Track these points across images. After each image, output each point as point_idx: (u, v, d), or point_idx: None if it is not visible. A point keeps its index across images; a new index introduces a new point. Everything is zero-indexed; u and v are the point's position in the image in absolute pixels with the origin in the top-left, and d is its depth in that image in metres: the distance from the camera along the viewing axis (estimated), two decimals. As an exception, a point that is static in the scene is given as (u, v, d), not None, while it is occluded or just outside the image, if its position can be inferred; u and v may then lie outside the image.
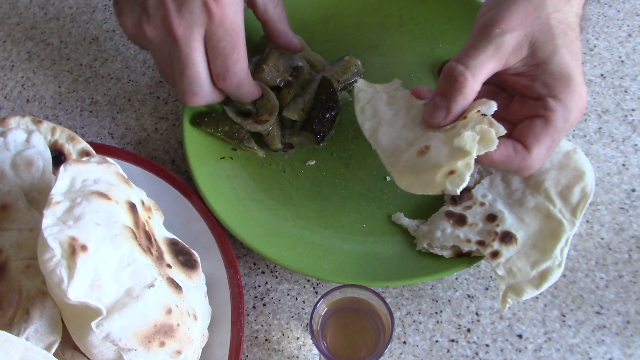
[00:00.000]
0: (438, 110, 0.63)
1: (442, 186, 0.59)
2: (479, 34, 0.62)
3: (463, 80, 0.61)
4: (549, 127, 0.61)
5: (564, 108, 0.61)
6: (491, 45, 0.61)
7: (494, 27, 0.61)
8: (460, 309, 0.69)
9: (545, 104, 0.61)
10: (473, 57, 0.61)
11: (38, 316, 0.54)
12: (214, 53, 0.67)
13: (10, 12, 0.96)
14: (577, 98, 0.61)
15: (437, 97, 0.63)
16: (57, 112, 0.86)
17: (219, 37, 0.66)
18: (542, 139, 0.61)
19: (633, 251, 0.71)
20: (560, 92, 0.61)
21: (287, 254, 0.70)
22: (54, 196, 0.55)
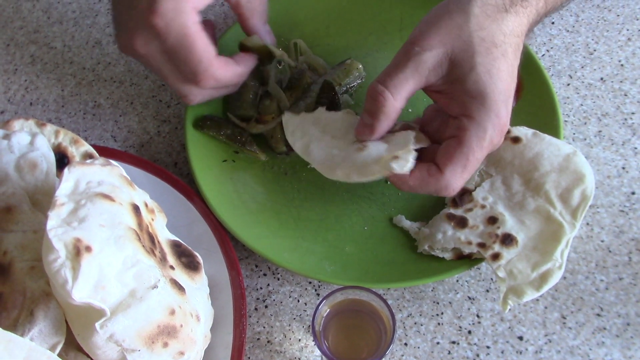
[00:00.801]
0: (365, 128, 0.65)
1: (385, 168, 0.62)
2: (401, 52, 0.63)
3: (383, 100, 0.62)
4: (462, 147, 0.62)
5: (477, 127, 0.61)
6: (410, 63, 0.62)
7: (414, 45, 0.62)
8: (461, 310, 0.70)
9: (459, 123, 0.62)
10: (392, 77, 0.62)
11: (42, 317, 0.55)
12: (175, 63, 0.66)
13: (14, 15, 0.96)
14: (492, 117, 0.61)
15: (364, 116, 0.65)
16: (60, 115, 0.86)
17: (170, 47, 0.65)
18: (454, 159, 0.62)
19: (633, 253, 0.72)
20: (474, 111, 0.61)
21: (289, 256, 0.70)
22: (58, 198, 0.55)
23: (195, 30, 0.64)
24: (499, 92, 0.61)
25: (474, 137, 0.61)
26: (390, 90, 0.62)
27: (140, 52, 0.66)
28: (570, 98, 0.82)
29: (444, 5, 0.64)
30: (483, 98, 0.61)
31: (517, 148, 0.71)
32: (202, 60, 0.65)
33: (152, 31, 0.63)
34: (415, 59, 0.61)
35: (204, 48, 0.65)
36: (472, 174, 0.65)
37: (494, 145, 0.63)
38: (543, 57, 0.86)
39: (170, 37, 0.64)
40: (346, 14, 0.88)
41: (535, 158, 0.70)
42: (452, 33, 0.61)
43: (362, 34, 0.87)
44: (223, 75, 0.68)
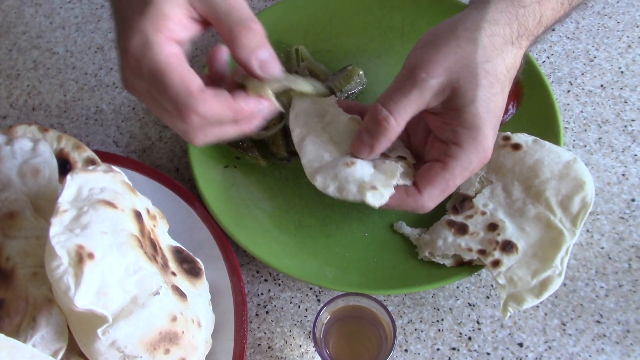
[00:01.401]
0: (363, 147, 0.65)
1: (361, 196, 0.63)
2: (407, 75, 0.62)
3: (386, 125, 0.63)
4: (445, 172, 0.63)
5: (464, 157, 0.63)
6: (415, 90, 0.61)
7: (421, 70, 0.61)
8: (462, 317, 0.70)
9: (448, 150, 0.63)
10: (397, 101, 0.62)
11: (44, 323, 0.55)
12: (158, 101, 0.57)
13: (17, 21, 0.97)
14: (480, 150, 0.62)
15: (363, 134, 0.65)
16: (63, 121, 0.87)
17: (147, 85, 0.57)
18: (435, 182, 0.64)
19: (633, 260, 0.72)
20: (465, 142, 0.62)
21: (290, 261, 0.71)
22: (61, 205, 0.56)
23: (168, 63, 0.55)
24: (491, 126, 0.63)
25: (459, 166, 0.63)
26: (394, 115, 0.62)
27: (132, 92, 0.60)
28: (571, 105, 0.82)
29: (451, 27, 0.63)
30: (476, 131, 0.62)
31: (517, 155, 0.72)
32: (179, 93, 0.55)
33: (130, 71, 0.57)
34: (420, 85, 0.61)
35: (180, 81, 0.55)
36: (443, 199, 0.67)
37: (473, 173, 0.65)
38: (543, 64, 0.86)
39: (143, 74, 0.56)
40: (348, 20, 0.88)
41: (535, 165, 0.70)
42: (459, 62, 0.61)
43: (363, 40, 0.87)
44: (208, 110, 0.56)
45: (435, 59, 0.61)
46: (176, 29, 0.57)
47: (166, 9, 0.56)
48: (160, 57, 0.55)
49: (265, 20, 0.77)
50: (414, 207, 0.65)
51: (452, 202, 0.73)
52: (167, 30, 0.56)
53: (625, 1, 0.91)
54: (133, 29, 0.56)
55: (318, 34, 0.87)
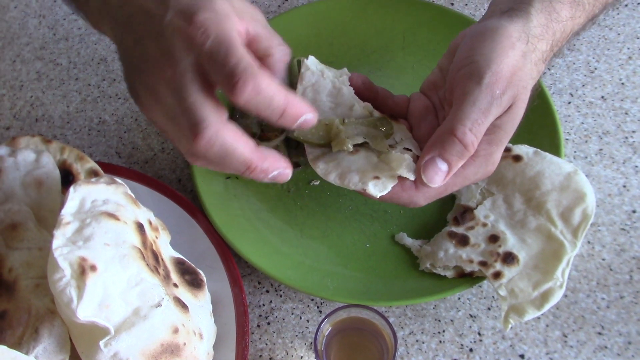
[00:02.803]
0: (440, 175, 0.61)
1: (363, 185, 0.61)
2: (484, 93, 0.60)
3: (472, 150, 0.60)
4: None
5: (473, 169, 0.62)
6: (494, 108, 0.60)
7: (496, 86, 0.60)
8: (463, 328, 0.70)
9: None
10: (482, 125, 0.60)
11: (47, 335, 0.55)
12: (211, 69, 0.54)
13: (20, 32, 0.97)
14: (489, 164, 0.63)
15: (440, 161, 0.61)
16: (65, 132, 0.87)
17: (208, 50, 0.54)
18: None
19: (634, 272, 0.72)
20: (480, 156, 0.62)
21: (292, 273, 0.71)
22: (63, 217, 0.56)
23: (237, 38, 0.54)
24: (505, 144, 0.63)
25: (463, 175, 0.62)
26: (478, 138, 0.60)
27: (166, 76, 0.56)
28: (571, 116, 0.83)
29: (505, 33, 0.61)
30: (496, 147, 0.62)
31: (518, 167, 0.72)
32: (243, 60, 0.53)
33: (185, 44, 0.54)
34: (498, 102, 0.60)
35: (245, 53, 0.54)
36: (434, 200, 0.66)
37: (473, 183, 0.65)
38: (544, 75, 0.86)
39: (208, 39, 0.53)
40: (349, 31, 0.89)
41: (536, 177, 0.71)
42: (517, 75, 0.60)
43: (365, 52, 0.88)
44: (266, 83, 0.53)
45: (504, 73, 0.60)
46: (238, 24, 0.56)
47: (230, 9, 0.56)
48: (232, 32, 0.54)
49: (267, 33, 0.78)
50: (405, 201, 0.64)
51: (453, 213, 0.73)
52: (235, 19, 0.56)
53: (626, 13, 0.91)
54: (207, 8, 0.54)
55: (320, 46, 0.88)
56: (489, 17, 0.65)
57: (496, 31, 0.62)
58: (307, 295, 0.73)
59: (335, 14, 0.89)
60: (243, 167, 0.56)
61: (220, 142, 0.54)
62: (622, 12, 0.91)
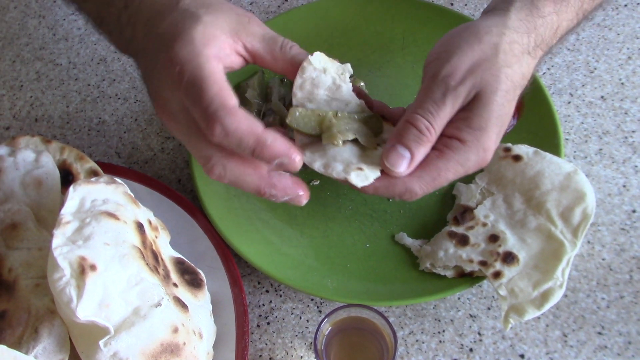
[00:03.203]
0: (402, 160, 0.62)
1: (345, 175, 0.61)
2: (437, 83, 0.61)
3: (429, 136, 0.61)
4: (440, 161, 0.61)
5: (464, 154, 0.61)
6: (450, 98, 0.61)
7: (451, 77, 0.61)
8: (463, 328, 0.70)
9: (448, 142, 0.62)
10: (434, 112, 0.61)
11: (46, 334, 0.55)
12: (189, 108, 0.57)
13: (20, 32, 0.97)
14: (480, 151, 0.61)
15: (400, 147, 0.61)
16: (65, 132, 0.87)
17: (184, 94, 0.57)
18: (427, 168, 0.62)
19: (634, 272, 0.72)
20: (468, 140, 0.61)
21: (292, 273, 0.71)
22: (63, 216, 0.56)
23: (212, 73, 0.57)
24: (497, 131, 0.62)
25: (455, 160, 0.61)
26: (434, 127, 0.61)
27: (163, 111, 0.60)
28: (571, 116, 0.83)
29: (474, 31, 0.63)
30: (481, 132, 0.61)
31: (518, 166, 0.72)
32: (212, 102, 0.56)
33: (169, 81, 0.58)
34: (454, 93, 0.61)
35: (218, 92, 0.56)
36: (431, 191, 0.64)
37: (465, 175, 0.63)
38: (544, 75, 0.86)
39: (182, 81, 0.57)
40: (349, 32, 0.89)
41: (536, 176, 0.71)
42: (484, 67, 0.61)
43: (364, 53, 0.88)
44: (233, 125, 0.55)
45: (462, 65, 0.61)
46: (222, 52, 0.59)
47: (215, 31, 0.59)
48: (205, 66, 0.57)
49: (267, 33, 0.78)
50: (400, 191, 0.62)
51: (453, 213, 0.73)
52: (216, 48, 0.58)
53: (625, 13, 0.91)
54: (183, 40, 0.58)
55: (319, 46, 0.86)
56: None
57: (467, 28, 0.63)
58: (307, 295, 0.73)
59: (334, 14, 0.89)
60: (254, 192, 0.60)
61: (229, 175, 0.59)
62: (621, 12, 0.91)
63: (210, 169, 0.58)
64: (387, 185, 0.62)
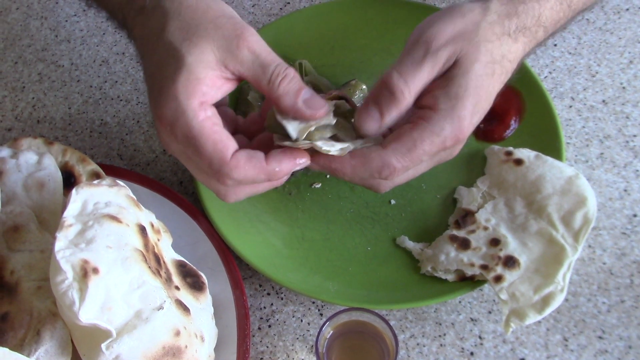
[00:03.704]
0: (372, 121, 0.61)
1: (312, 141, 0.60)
2: (418, 47, 0.61)
3: (402, 97, 0.60)
4: (414, 132, 0.60)
5: (437, 123, 0.60)
6: (429, 61, 0.60)
7: (432, 41, 0.61)
8: (464, 332, 0.70)
9: (421, 113, 0.61)
10: (411, 73, 0.60)
11: (49, 337, 0.55)
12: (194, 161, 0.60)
13: (22, 34, 0.97)
14: (455, 120, 0.60)
15: (371, 108, 0.61)
16: (67, 133, 0.87)
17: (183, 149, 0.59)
18: (402, 139, 0.60)
19: (635, 276, 0.72)
20: (441, 109, 0.60)
21: (293, 275, 0.71)
22: (66, 219, 0.56)
23: (201, 129, 0.57)
24: (473, 103, 0.60)
25: (429, 130, 0.60)
26: (409, 88, 0.60)
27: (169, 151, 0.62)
28: (573, 120, 0.83)
29: (458, 9, 0.63)
30: (457, 101, 0.60)
31: (519, 170, 0.72)
32: (213, 160, 0.57)
33: (165, 134, 0.59)
34: (433, 56, 0.60)
35: (213, 147, 0.57)
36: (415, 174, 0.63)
37: (444, 149, 0.61)
38: (545, 79, 0.86)
39: (177, 138, 0.58)
40: (351, 34, 0.89)
41: (537, 180, 0.71)
42: (465, 36, 0.61)
43: (366, 55, 0.88)
44: (242, 175, 0.58)
45: (445, 31, 0.61)
46: (209, 91, 0.58)
47: (199, 72, 0.57)
48: (193, 123, 0.57)
49: (268, 35, 0.78)
50: (378, 165, 0.60)
51: (454, 216, 0.73)
52: (200, 94, 0.57)
53: (627, 17, 0.91)
54: (167, 95, 0.57)
55: (321, 49, 0.88)
56: None
57: (451, 7, 0.64)
58: (308, 298, 0.73)
59: (336, 16, 0.90)
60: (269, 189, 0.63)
61: (243, 196, 0.62)
62: (623, 17, 0.91)
63: (224, 199, 0.62)
64: (363, 162, 0.60)
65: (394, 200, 0.77)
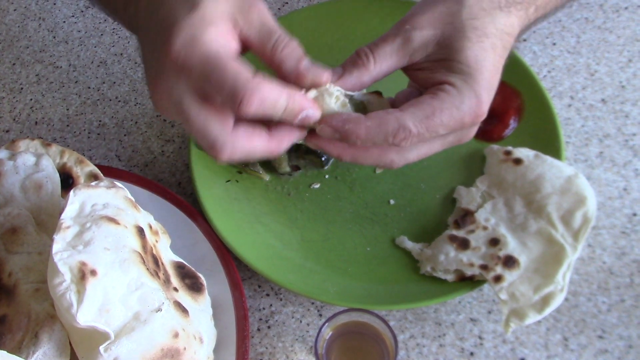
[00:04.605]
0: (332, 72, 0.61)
1: None
2: (392, 28, 0.63)
3: (364, 61, 0.62)
4: (434, 100, 0.59)
5: (458, 96, 0.59)
6: (398, 39, 0.62)
7: (405, 23, 0.62)
8: (464, 332, 0.70)
9: (440, 87, 0.60)
10: (380, 46, 0.62)
11: (47, 339, 0.55)
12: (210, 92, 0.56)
13: (20, 35, 0.97)
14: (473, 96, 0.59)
15: (337, 68, 0.63)
16: (65, 135, 0.87)
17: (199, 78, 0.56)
18: (420, 105, 0.59)
19: (635, 275, 0.72)
20: (458, 84, 0.59)
21: (292, 276, 0.71)
22: (64, 221, 0.56)
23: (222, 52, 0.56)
24: (483, 78, 0.60)
25: (449, 100, 0.59)
26: (374, 55, 0.62)
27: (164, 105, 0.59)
28: (572, 119, 0.83)
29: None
30: (468, 77, 0.60)
31: (519, 170, 0.72)
32: (238, 77, 0.54)
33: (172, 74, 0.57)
34: (403, 35, 0.62)
35: (237, 66, 0.55)
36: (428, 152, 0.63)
37: (462, 126, 0.60)
38: (544, 78, 0.86)
39: (194, 67, 0.55)
40: (349, 34, 0.89)
41: (537, 180, 0.71)
42: (444, 19, 0.61)
43: (364, 55, 0.88)
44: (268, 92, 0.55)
45: (420, 14, 0.62)
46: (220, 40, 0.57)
47: (213, 17, 0.57)
48: (212, 45, 0.56)
49: (267, 36, 0.78)
50: (394, 127, 0.58)
51: (453, 216, 0.73)
52: (214, 34, 0.56)
53: (626, 15, 0.91)
54: (177, 30, 0.56)
55: (320, 49, 0.88)
56: None
57: None
58: (307, 298, 0.73)
59: (335, 16, 0.89)
60: (267, 156, 0.60)
61: (239, 151, 0.58)
62: (622, 15, 0.91)
63: (220, 150, 0.57)
64: (379, 123, 0.59)
65: (393, 201, 0.76)
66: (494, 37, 0.61)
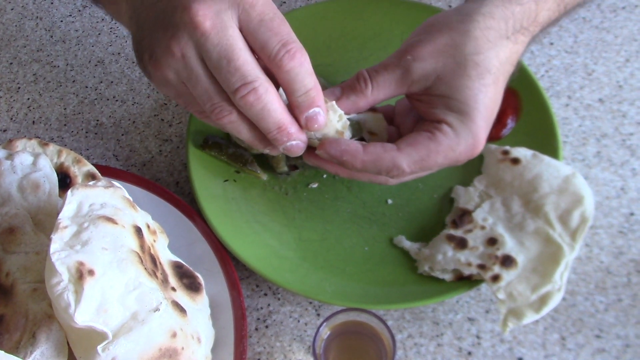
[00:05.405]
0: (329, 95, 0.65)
1: None
2: (395, 55, 0.64)
3: (362, 86, 0.64)
4: (431, 142, 0.61)
5: (455, 138, 0.61)
6: (399, 69, 0.63)
7: (407, 53, 0.62)
8: (461, 331, 0.70)
9: (439, 126, 0.62)
10: (380, 73, 0.63)
11: (44, 339, 0.55)
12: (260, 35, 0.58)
13: (17, 34, 0.97)
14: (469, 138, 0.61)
15: (336, 88, 0.65)
16: (63, 134, 0.87)
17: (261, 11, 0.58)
18: (417, 145, 0.61)
19: (632, 275, 0.72)
20: (455, 125, 0.61)
21: (290, 276, 0.71)
22: (61, 221, 0.56)
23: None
24: (482, 117, 0.61)
25: (446, 143, 0.61)
26: (372, 82, 0.63)
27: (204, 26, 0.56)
28: (569, 119, 0.83)
29: (446, 18, 0.63)
30: (465, 117, 0.61)
31: (516, 169, 0.72)
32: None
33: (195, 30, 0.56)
34: (404, 66, 0.62)
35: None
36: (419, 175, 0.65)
37: (456, 163, 0.63)
38: (542, 77, 0.86)
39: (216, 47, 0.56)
40: (347, 34, 0.89)
41: (534, 179, 0.71)
42: (447, 52, 0.61)
43: (363, 55, 0.88)
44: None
45: (423, 44, 0.62)
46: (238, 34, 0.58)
47: None
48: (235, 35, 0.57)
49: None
50: (388, 165, 0.61)
51: (451, 216, 0.73)
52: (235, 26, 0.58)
53: (624, 15, 0.91)
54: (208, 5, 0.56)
55: (318, 48, 0.88)
56: None
57: (443, 15, 0.65)
58: (305, 298, 0.73)
59: (333, 16, 0.89)
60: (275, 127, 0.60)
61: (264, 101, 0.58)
62: (619, 15, 0.91)
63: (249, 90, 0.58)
64: (375, 160, 0.61)
65: (391, 200, 0.76)
66: (496, 71, 0.62)
